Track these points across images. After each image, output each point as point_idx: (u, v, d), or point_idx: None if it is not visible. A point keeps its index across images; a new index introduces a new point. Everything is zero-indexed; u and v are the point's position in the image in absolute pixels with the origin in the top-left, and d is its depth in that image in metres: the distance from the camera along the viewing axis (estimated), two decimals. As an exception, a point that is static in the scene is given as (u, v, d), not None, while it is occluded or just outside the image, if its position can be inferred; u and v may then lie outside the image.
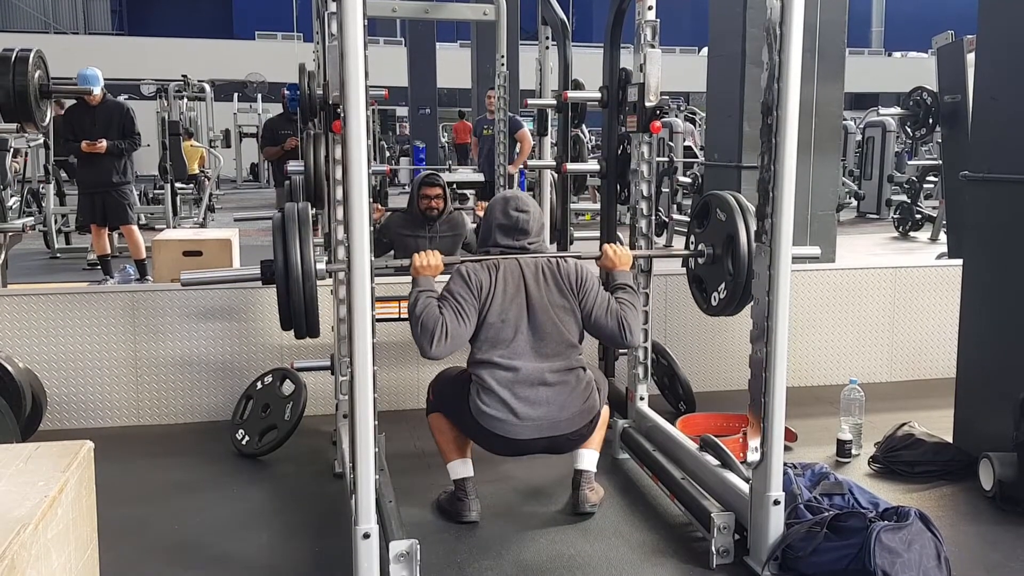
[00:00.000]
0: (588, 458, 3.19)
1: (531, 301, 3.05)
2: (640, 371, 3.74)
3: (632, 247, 3.74)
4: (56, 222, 9.58)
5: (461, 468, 3.14)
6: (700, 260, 3.33)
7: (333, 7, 3.07)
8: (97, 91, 6.93)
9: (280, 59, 19.63)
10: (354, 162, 2.33)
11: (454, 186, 10.53)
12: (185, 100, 14.42)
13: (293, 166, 3.86)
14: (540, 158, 5.50)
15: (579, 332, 3.12)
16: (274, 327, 4.21)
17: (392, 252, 5.03)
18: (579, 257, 3.25)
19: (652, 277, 3.72)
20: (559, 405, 3.02)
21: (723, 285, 3.19)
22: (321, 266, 2.72)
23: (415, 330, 2.94)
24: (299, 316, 2.71)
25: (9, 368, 3.66)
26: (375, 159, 14.79)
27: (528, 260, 3.11)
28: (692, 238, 3.41)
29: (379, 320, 2.70)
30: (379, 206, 3.71)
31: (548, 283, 3.08)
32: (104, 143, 6.94)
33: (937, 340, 4.85)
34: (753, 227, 2.99)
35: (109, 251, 7.65)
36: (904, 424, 3.69)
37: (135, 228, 7.44)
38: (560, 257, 3.19)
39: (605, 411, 3.27)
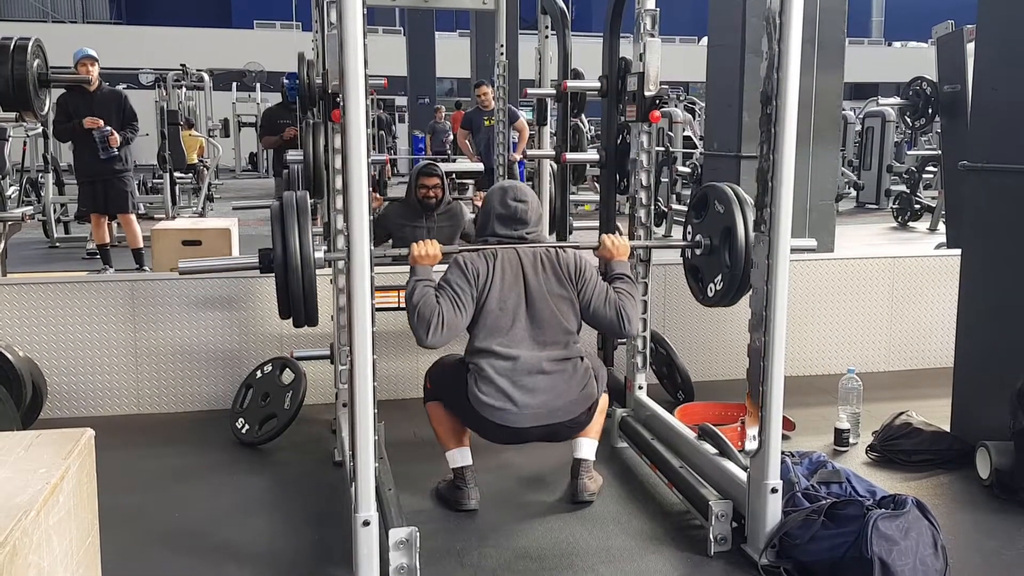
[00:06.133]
0: (587, 447, 3.20)
1: (529, 290, 3.05)
2: (639, 360, 3.75)
3: (631, 237, 3.74)
4: (55, 211, 9.57)
5: (460, 457, 3.15)
6: (697, 251, 3.33)
7: (332, -4, 3.07)
8: (95, 63, 6.89)
9: (279, 48, 19.58)
10: (354, 151, 2.33)
11: (453, 176, 10.52)
12: (184, 89, 14.40)
13: (292, 155, 3.85)
14: (539, 148, 5.50)
15: (577, 322, 3.12)
16: (274, 316, 4.21)
17: (390, 242, 5.03)
18: (577, 247, 3.25)
19: (651, 267, 3.72)
20: (556, 393, 3.03)
21: (720, 276, 3.19)
22: (320, 254, 2.73)
23: (412, 319, 2.94)
24: (298, 305, 2.72)
25: (9, 357, 3.67)
26: (374, 148, 14.77)
27: (527, 249, 3.12)
28: (689, 228, 3.41)
29: (379, 309, 2.71)
30: (378, 196, 3.73)
31: (547, 272, 3.09)
32: (112, 131, 6.93)
33: (935, 330, 4.86)
34: (751, 219, 2.99)
35: (108, 240, 7.64)
36: (902, 413, 3.70)
37: (133, 217, 7.43)
38: (558, 247, 3.19)
39: (604, 399, 3.28)
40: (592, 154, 4.51)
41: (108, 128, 6.95)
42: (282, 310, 2.75)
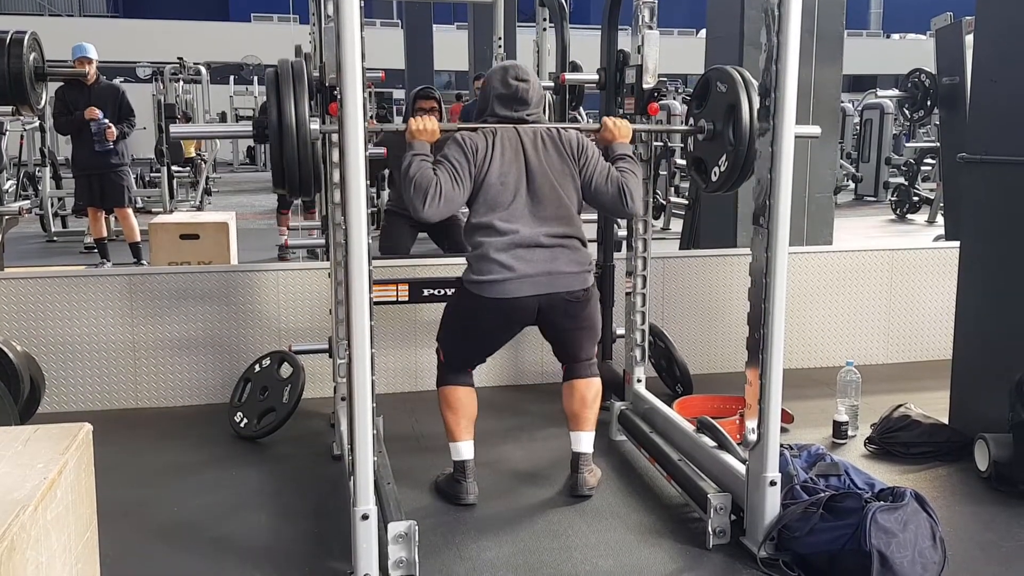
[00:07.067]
0: (586, 440, 3.19)
1: (530, 166, 3.04)
2: (637, 354, 3.75)
3: (630, 230, 3.74)
4: (52, 205, 9.55)
5: (464, 449, 3.13)
6: (700, 137, 3.32)
7: (329, -12, 3.05)
8: (92, 62, 6.90)
9: (276, 41, 19.40)
10: (351, 144, 2.32)
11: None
12: (181, 83, 14.35)
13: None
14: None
15: (578, 199, 3.11)
16: (273, 310, 4.23)
17: (387, 169, 4.95)
18: (579, 129, 3.23)
19: (650, 261, 3.72)
20: (555, 264, 3.02)
21: (723, 157, 3.19)
22: (315, 126, 2.70)
23: (408, 191, 2.92)
24: (292, 169, 2.68)
25: (7, 351, 3.66)
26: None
27: (526, 128, 3.10)
28: (691, 120, 3.40)
29: (377, 303, 2.70)
30: (373, 120, 3.69)
31: (548, 149, 3.07)
32: (109, 124, 6.93)
33: (934, 322, 4.86)
34: (755, 98, 3.00)
35: (106, 234, 7.64)
36: (900, 405, 3.70)
37: (130, 211, 7.44)
38: (559, 127, 3.17)
39: (598, 383, 3.24)
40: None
41: (105, 120, 6.94)
42: (276, 178, 2.71)
